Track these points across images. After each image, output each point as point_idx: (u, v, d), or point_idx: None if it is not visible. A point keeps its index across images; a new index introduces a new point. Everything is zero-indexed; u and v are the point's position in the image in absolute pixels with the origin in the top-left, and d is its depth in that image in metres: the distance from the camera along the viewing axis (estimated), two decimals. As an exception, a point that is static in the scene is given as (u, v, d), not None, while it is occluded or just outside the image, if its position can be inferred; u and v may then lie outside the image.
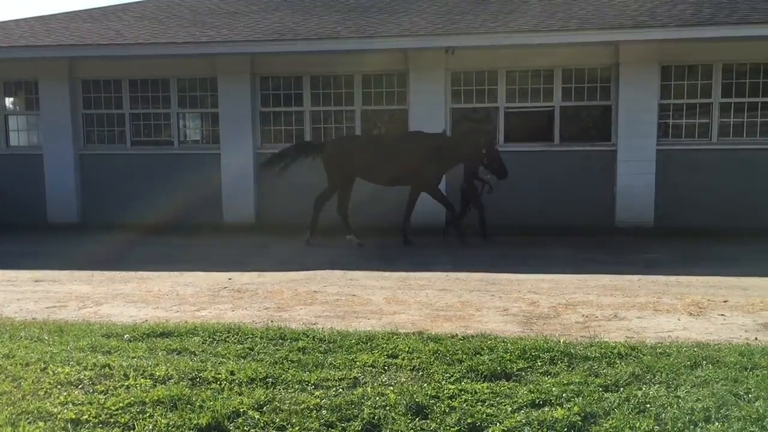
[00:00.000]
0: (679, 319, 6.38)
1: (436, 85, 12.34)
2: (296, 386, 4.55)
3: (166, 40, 12.48)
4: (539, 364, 4.94)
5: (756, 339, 5.69)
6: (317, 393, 4.42)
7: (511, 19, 11.97)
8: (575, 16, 11.82)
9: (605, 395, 4.34)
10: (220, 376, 4.70)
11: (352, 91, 12.85)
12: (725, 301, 7.01)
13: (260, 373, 4.73)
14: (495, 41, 11.52)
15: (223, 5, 14.93)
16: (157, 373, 4.75)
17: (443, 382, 4.60)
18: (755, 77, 11.64)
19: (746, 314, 6.53)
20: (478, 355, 5.09)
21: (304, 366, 4.91)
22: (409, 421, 4.07)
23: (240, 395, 4.40)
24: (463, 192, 11.24)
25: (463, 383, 4.58)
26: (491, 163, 10.61)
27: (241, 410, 4.17)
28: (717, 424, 3.92)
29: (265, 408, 4.22)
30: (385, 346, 5.32)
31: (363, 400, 4.29)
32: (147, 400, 4.31)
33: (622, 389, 4.43)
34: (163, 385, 4.56)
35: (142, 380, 4.65)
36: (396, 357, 5.09)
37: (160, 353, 5.23)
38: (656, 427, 3.90)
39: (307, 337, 5.58)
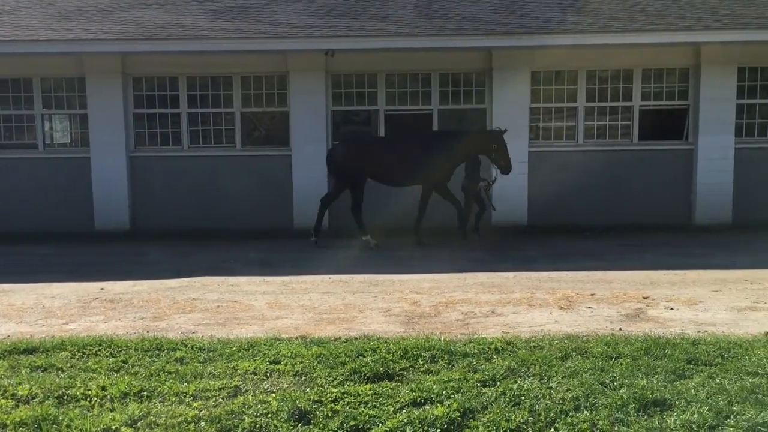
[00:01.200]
0: (551, 313, 6.69)
1: (317, 87, 12.31)
2: (173, 398, 4.38)
3: (27, 37, 11.71)
4: (421, 362, 5.02)
5: (620, 329, 6.05)
6: (196, 404, 4.28)
7: (389, 23, 12.13)
8: (451, 21, 12.14)
9: (483, 390, 4.47)
10: (90, 392, 4.45)
11: (231, 93, 12.58)
12: (592, 295, 7.41)
13: (134, 386, 4.52)
14: (373, 45, 11.65)
15: (90, 2, 14.20)
16: (20, 393, 4.44)
17: (326, 386, 4.58)
18: (615, 83, 12.41)
19: (611, 306, 6.94)
20: (361, 357, 5.11)
21: (182, 377, 4.75)
22: (291, 427, 4.02)
23: (112, 411, 4.18)
24: (465, 191, 11.18)
25: (346, 386, 4.58)
26: (499, 158, 10.66)
27: (113, 427, 3.96)
28: (586, 412, 4.13)
29: (139, 423, 4.04)
30: (267, 352, 5.24)
31: (244, 409, 4.20)
32: (8, 422, 4.02)
33: (498, 383, 4.58)
34: (26, 405, 4.27)
35: (2, 401, 4.33)
36: (278, 363, 5.02)
37: (23, 371, 4.89)
38: (530, 418, 4.06)
39: (186, 346, 5.40)
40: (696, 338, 5.59)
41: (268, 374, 4.82)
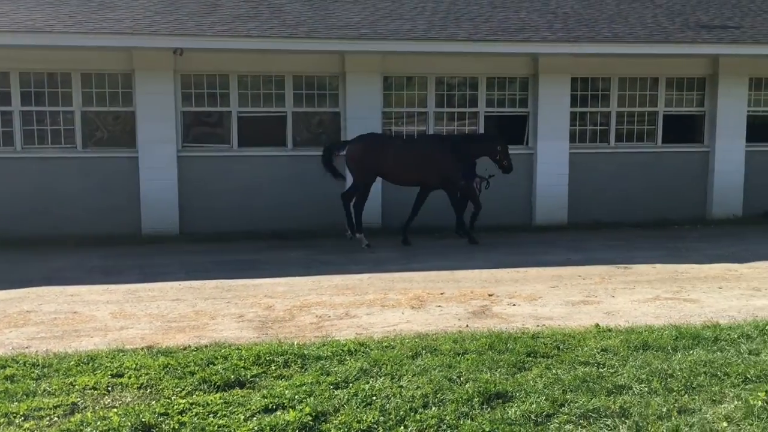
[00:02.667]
0: (403, 313, 6.85)
1: (165, 87, 11.83)
2: (1, 420, 4.05)
3: None
4: (273, 368, 4.98)
5: (467, 326, 6.31)
6: (27, 425, 3.98)
7: (241, 23, 11.91)
8: (304, 24, 12.12)
9: (336, 392, 4.50)
10: None
11: (70, 91, 11.81)
12: (442, 293, 7.67)
13: (-44, 410, 4.14)
14: (224, 45, 11.36)
15: None
16: None
17: (174, 398, 4.42)
18: (463, 89, 12.94)
19: (459, 304, 7.22)
20: (211, 365, 4.98)
21: (12, 396, 4.40)
22: (135, 443, 3.84)
23: (-72, 439, 3.80)
24: (461, 190, 11.40)
25: (194, 396, 4.45)
26: (503, 159, 11.42)
27: (-70, 457, 3.61)
28: (434, 408, 4.27)
29: (-39, 450, 3.70)
30: (109, 365, 4.97)
31: (82, 427, 3.96)
32: None
33: (351, 385, 4.63)
34: None
35: None
36: (122, 376, 4.78)
37: None
38: (381, 417, 4.13)
39: (17, 363, 5.02)
40: (535, 332, 5.94)
41: (109, 388, 4.57)
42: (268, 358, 5.12)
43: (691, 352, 5.30)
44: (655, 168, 13.32)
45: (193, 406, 4.28)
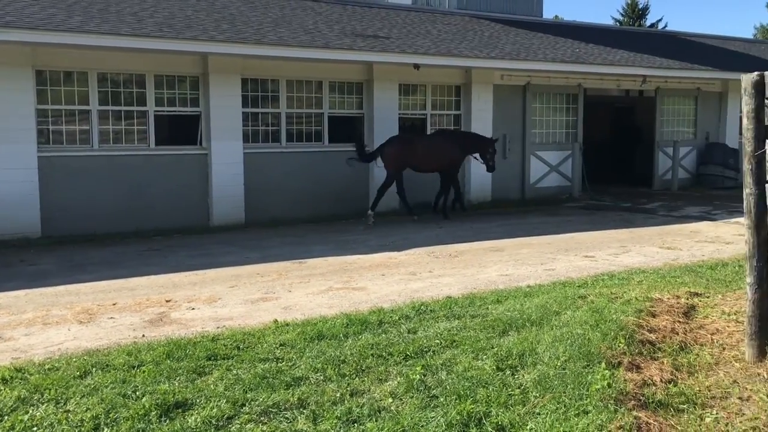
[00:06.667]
0: (69, 330, 6.28)
1: None
2: None
3: None
4: None
5: (143, 336, 6.01)
6: None
7: None
8: (-71, 5, 10.37)
9: (-15, 431, 3.94)
10: None
11: None
12: (114, 304, 7.20)
13: None
14: None
15: None
16: None
17: None
18: (129, 87, 12.26)
19: (134, 313, 6.84)
20: None
21: None
22: None
23: None
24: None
25: None
26: (491, 158, 14.04)
27: None
28: (107, 430, 3.97)
29: None
30: None
31: None
32: None
33: (6, 418, 4.11)
34: None
35: None
36: None
37: None
38: (44, 450, 3.72)
39: None
40: (215, 334, 5.88)
41: None
42: None
43: (361, 337, 5.70)
44: (322, 167, 14.08)
45: None
